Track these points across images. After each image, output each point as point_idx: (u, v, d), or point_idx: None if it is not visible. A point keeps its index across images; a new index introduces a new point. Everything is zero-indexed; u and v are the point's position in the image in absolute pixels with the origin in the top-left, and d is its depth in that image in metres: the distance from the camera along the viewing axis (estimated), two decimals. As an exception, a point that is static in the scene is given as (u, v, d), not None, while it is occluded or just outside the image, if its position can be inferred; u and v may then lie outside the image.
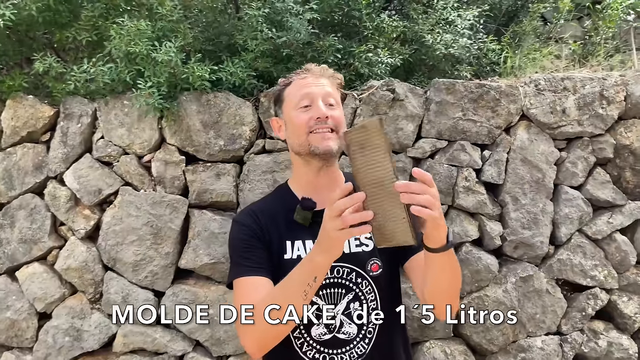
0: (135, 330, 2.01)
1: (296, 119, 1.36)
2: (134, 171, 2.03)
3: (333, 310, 1.32)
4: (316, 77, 1.40)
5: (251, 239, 1.34)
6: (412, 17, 2.12)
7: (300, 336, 1.33)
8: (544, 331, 2.04)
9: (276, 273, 1.29)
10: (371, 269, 1.34)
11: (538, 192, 2.02)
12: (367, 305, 1.34)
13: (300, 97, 1.37)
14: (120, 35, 1.96)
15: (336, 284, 1.33)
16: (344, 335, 1.33)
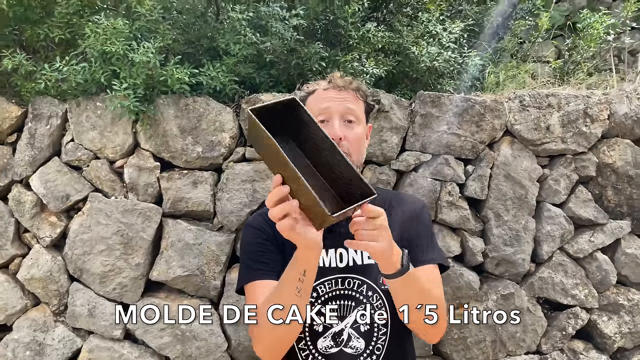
0: (102, 345, 1.94)
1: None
2: (104, 177, 1.97)
3: (341, 323, 1.29)
4: (338, 90, 1.36)
5: (265, 241, 1.32)
6: (397, 29, 2.12)
7: (306, 348, 1.29)
8: (524, 350, 2.05)
9: None
10: (382, 282, 1.29)
11: (520, 209, 2.03)
12: (376, 320, 1.30)
13: (318, 111, 1.33)
14: (95, 34, 1.91)
15: (346, 296, 1.30)
16: (351, 349, 1.29)
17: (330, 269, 1.30)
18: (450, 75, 2.09)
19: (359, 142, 1.33)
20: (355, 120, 1.33)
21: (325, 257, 1.31)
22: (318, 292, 1.29)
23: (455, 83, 2.10)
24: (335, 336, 1.29)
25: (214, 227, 1.99)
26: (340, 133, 1.28)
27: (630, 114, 2.07)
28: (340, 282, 1.29)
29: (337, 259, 1.31)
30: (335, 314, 1.29)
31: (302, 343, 1.29)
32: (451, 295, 2.00)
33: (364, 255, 1.32)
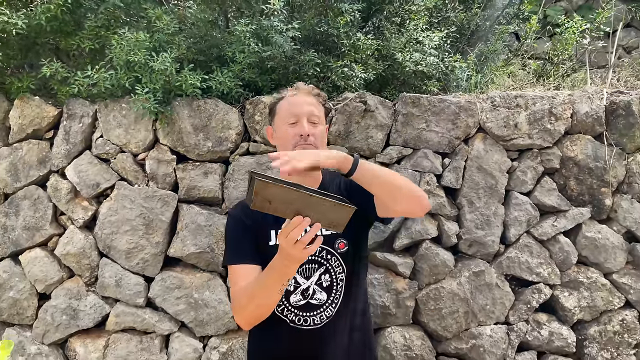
0: (126, 310, 2.32)
1: (284, 133, 1.69)
2: (129, 168, 2.33)
3: (307, 282, 1.68)
4: (304, 96, 1.72)
5: (242, 231, 1.68)
6: (386, 36, 2.44)
7: (281, 303, 1.69)
8: (493, 321, 2.36)
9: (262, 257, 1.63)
10: (339, 247, 1.69)
11: (491, 197, 2.35)
12: (335, 277, 1.69)
13: (289, 114, 1.69)
14: (120, 45, 2.26)
15: (310, 260, 1.68)
16: (315, 301, 1.68)
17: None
18: (436, 78, 2.41)
19: (322, 137, 1.69)
20: (318, 122, 1.69)
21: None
22: None
23: (439, 85, 2.41)
24: (303, 292, 1.68)
25: (222, 211, 2.35)
26: (308, 130, 1.64)
27: (591, 113, 2.37)
28: None
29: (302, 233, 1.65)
30: (302, 275, 1.68)
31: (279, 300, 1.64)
32: (428, 272, 2.33)
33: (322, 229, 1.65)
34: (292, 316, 1.68)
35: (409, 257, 2.35)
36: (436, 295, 2.34)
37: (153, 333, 2.33)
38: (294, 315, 1.68)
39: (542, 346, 2.38)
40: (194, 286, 2.31)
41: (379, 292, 2.32)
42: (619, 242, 2.41)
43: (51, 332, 2.32)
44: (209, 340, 2.34)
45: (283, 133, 1.70)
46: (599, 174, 2.38)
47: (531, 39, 2.69)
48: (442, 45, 2.45)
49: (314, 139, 1.66)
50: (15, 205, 2.34)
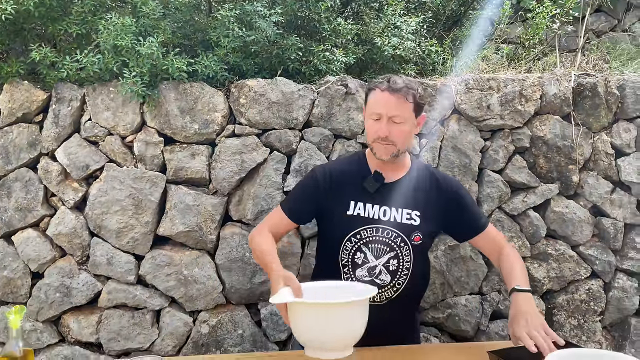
0: (118, 287, 2.45)
1: (368, 127, 1.89)
2: (117, 150, 2.45)
3: (375, 261, 1.87)
4: (390, 94, 1.81)
5: (311, 192, 1.93)
6: (365, 21, 2.58)
7: (349, 273, 1.88)
8: (468, 291, 2.55)
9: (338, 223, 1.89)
10: (414, 239, 1.88)
11: (465, 175, 2.52)
12: (402, 264, 1.87)
13: (373, 111, 1.85)
14: (107, 30, 2.35)
15: (383, 242, 1.87)
16: (379, 281, 1.87)
17: (374, 220, 1.87)
18: (413, 62, 2.55)
19: (402, 136, 1.85)
20: (401, 120, 1.82)
21: (371, 209, 1.87)
22: (361, 234, 1.86)
23: (416, 68, 2.56)
24: (369, 269, 1.86)
25: (209, 191, 2.48)
26: (386, 131, 1.80)
27: (559, 95, 2.54)
28: (380, 231, 1.86)
29: (380, 214, 1.87)
30: (373, 253, 1.86)
31: (345, 269, 1.87)
32: (407, 246, 2.50)
33: (404, 217, 1.87)
34: None
35: (389, 233, 2.51)
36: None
37: (144, 309, 2.46)
38: None
39: (513, 314, 2.57)
40: (183, 263, 2.44)
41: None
42: (586, 216, 2.60)
43: (45, 310, 2.44)
44: (198, 314, 2.48)
45: (368, 125, 1.89)
46: (567, 152, 2.56)
47: (504, 24, 2.84)
48: (419, 30, 2.59)
49: (392, 138, 1.82)
50: (7, 188, 2.44)
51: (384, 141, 1.83)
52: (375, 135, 1.83)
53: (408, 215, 1.88)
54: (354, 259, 1.87)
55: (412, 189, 1.92)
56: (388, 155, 1.85)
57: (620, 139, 2.60)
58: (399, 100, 1.81)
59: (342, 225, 1.87)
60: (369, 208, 1.87)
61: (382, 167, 1.92)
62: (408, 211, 1.88)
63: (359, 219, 1.87)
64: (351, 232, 1.86)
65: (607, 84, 2.58)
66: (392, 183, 1.92)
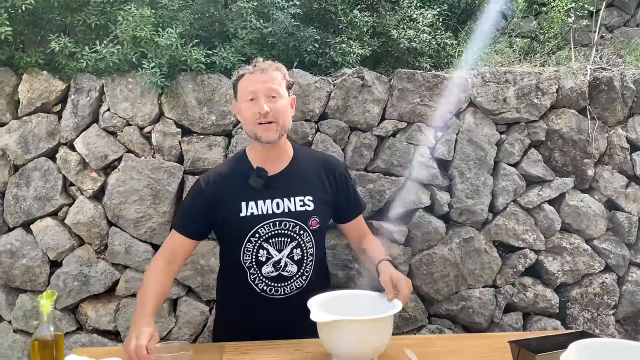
0: (136, 276, 2.49)
1: (245, 111, 1.87)
2: (136, 140, 2.49)
3: (279, 254, 1.88)
4: (262, 73, 1.85)
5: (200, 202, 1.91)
6: (381, 13, 2.60)
7: (255, 272, 1.90)
8: (482, 284, 2.58)
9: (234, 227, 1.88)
10: (311, 224, 1.91)
11: (481, 168, 2.54)
12: (306, 251, 1.91)
13: (248, 92, 1.85)
14: (127, 21, 2.39)
15: (283, 234, 1.89)
16: (287, 273, 1.90)
17: (269, 215, 1.88)
18: (428, 54, 2.58)
19: (284, 109, 1.84)
20: (278, 96, 1.83)
21: (263, 205, 1.87)
22: (260, 232, 1.87)
23: (431, 61, 2.58)
24: (275, 264, 1.89)
25: (226, 182, 2.51)
26: (266, 108, 1.79)
27: (575, 88, 2.56)
28: (277, 224, 1.87)
29: (273, 207, 1.88)
30: (275, 247, 1.88)
31: (251, 270, 1.89)
32: (421, 239, 2.54)
33: (297, 204, 1.90)
34: (262, 285, 1.89)
35: (403, 225, 2.55)
36: (428, 260, 2.54)
37: (161, 297, 2.50)
38: (265, 285, 1.89)
39: (527, 307, 2.61)
40: (200, 253, 2.49)
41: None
42: (600, 210, 2.63)
43: (63, 298, 2.48)
44: (214, 303, 2.52)
45: (244, 111, 1.87)
46: (582, 146, 2.58)
47: (518, 18, 2.86)
48: (434, 23, 2.61)
49: (274, 115, 1.82)
50: (26, 177, 2.49)
51: (266, 119, 1.80)
52: (256, 115, 1.80)
53: (301, 202, 1.89)
54: (257, 257, 1.87)
55: (300, 175, 1.94)
56: (275, 135, 1.83)
57: (635, 133, 2.62)
58: (270, 76, 1.83)
59: (238, 228, 1.87)
60: (261, 204, 1.87)
61: (264, 162, 1.91)
62: (300, 198, 1.89)
63: (254, 218, 1.86)
64: (249, 232, 1.86)
65: (623, 78, 2.60)
66: (278, 174, 1.92)
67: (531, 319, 2.62)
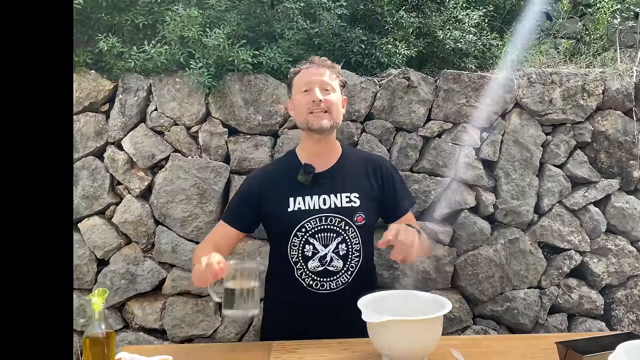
0: (182, 275, 2.52)
1: (298, 102, 1.97)
2: (183, 140, 2.51)
3: (325, 249, 1.93)
4: (317, 67, 1.98)
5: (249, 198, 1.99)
6: (427, 14, 2.61)
7: (301, 267, 1.94)
8: (527, 285, 2.59)
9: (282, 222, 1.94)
10: (357, 220, 1.95)
11: (526, 169, 2.55)
12: (351, 247, 1.95)
13: (303, 84, 1.96)
14: (174, 21, 2.42)
15: (329, 230, 1.94)
16: (332, 268, 1.94)
17: (316, 210, 1.93)
18: (473, 55, 2.58)
19: (336, 103, 1.94)
20: (331, 89, 1.93)
21: (310, 201, 1.93)
22: (306, 227, 1.92)
23: (478, 61, 2.59)
24: (320, 258, 1.93)
25: (272, 182, 2.53)
26: (319, 96, 1.89)
27: (621, 90, 2.56)
28: (324, 220, 1.93)
29: (320, 203, 1.94)
30: (321, 243, 1.93)
31: (298, 265, 1.94)
32: (466, 239, 2.55)
33: (343, 201, 1.95)
34: (309, 280, 1.93)
35: (449, 226, 2.56)
36: (473, 261, 2.55)
37: (207, 296, 2.53)
38: (311, 279, 1.93)
39: (572, 309, 2.61)
40: (245, 252, 2.51)
41: (420, 258, 2.52)
42: (645, 212, 2.63)
43: (110, 296, 2.51)
44: (261, 302, 2.53)
45: (297, 102, 1.96)
46: (628, 148, 2.58)
47: (563, 19, 2.86)
48: (480, 24, 2.61)
49: (327, 104, 1.91)
50: (74, 176, 2.51)
51: (319, 108, 1.89)
52: (309, 104, 1.90)
53: (347, 199, 1.94)
54: (303, 252, 1.92)
55: (347, 173, 2.00)
56: (326, 123, 1.90)
57: (681, 135, 2.63)
58: (326, 71, 1.95)
59: (286, 223, 1.93)
60: (308, 200, 1.93)
61: (313, 159, 1.98)
62: (347, 194, 1.94)
63: (301, 213, 1.92)
64: (296, 227, 1.91)
65: (669, 80, 2.60)
66: (325, 171, 1.99)
67: (576, 320, 2.63)
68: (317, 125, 1.91)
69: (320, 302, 1.93)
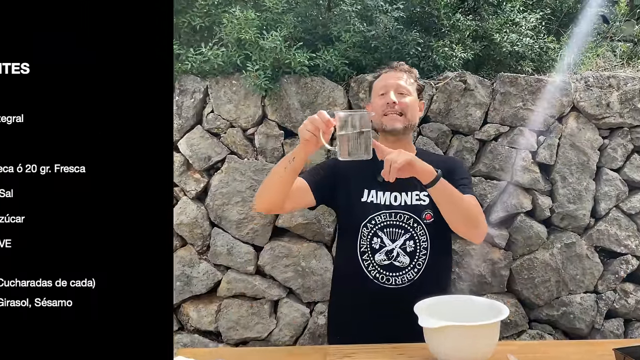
0: (237, 277, 2.54)
1: (375, 105, 2.03)
2: (239, 142, 2.52)
3: (392, 244, 1.95)
4: (395, 72, 2.04)
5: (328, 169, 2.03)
6: (483, 17, 2.61)
7: (368, 259, 1.96)
8: (583, 290, 2.58)
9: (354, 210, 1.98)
10: (425, 218, 1.97)
11: (583, 173, 2.55)
12: (419, 244, 1.96)
13: (380, 88, 2.03)
14: (231, 23, 2.43)
15: (397, 225, 1.96)
16: (399, 263, 1.95)
17: (386, 206, 1.97)
18: (530, 58, 2.58)
19: (411, 107, 1.98)
20: (407, 93, 1.98)
21: (382, 196, 1.98)
22: (376, 220, 1.96)
23: (534, 65, 2.59)
24: (387, 252, 1.95)
25: (327, 184, 2.54)
26: (393, 98, 1.94)
27: (680, 93, 2.56)
28: (393, 215, 1.96)
29: (391, 199, 1.98)
30: (388, 237, 1.95)
31: (364, 256, 1.97)
32: (523, 243, 2.55)
33: (413, 199, 1.98)
34: (375, 273, 1.95)
35: (505, 230, 2.57)
36: (529, 265, 2.55)
37: (263, 299, 2.54)
38: (378, 272, 1.94)
39: (629, 314, 2.61)
40: (301, 255, 2.52)
41: (476, 262, 2.53)
42: (703, 217, 2.62)
43: (166, 297, 2.52)
44: (315, 305, 2.56)
45: (374, 105, 2.02)
46: (686, 152, 2.58)
47: (620, 22, 2.85)
48: (537, 27, 2.61)
49: (401, 107, 1.95)
50: (131, 177, 2.52)
51: (393, 110, 1.94)
52: (384, 106, 1.95)
53: (417, 197, 1.97)
54: (371, 244, 1.96)
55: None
56: (399, 125, 1.94)
57: None
58: (403, 75, 2.00)
59: (357, 212, 1.97)
60: (380, 195, 1.97)
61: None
62: (417, 192, 1.97)
63: (372, 206, 1.97)
64: (366, 218, 1.96)
65: None
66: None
67: (632, 325, 2.62)
68: (391, 126, 1.95)
69: (386, 297, 1.94)
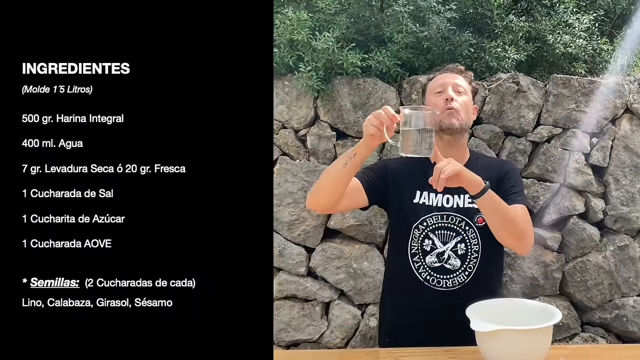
0: (289, 279, 2.55)
1: (431, 103, 2.02)
2: (291, 143, 2.53)
3: (443, 246, 1.97)
4: (451, 72, 2.06)
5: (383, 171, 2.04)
6: (536, 18, 2.61)
7: (418, 260, 1.98)
8: (636, 292, 2.59)
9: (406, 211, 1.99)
10: (477, 221, 1.97)
11: (637, 175, 2.55)
12: (470, 247, 1.97)
13: (436, 87, 2.03)
14: (284, 24, 2.44)
15: (449, 228, 1.98)
16: (449, 266, 1.97)
17: (438, 207, 1.99)
18: (583, 60, 2.58)
19: (467, 105, 1.99)
20: (464, 92, 1.99)
21: (435, 198, 1.99)
22: (427, 221, 1.98)
23: (587, 66, 2.59)
24: (438, 255, 1.97)
25: (379, 186, 2.55)
26: (452, 94, 1.95)
27: None
28: (445, 217, 1.98)
29: (444, 201, 1.99)
30: (440, 239, 1.96)
31: (415, 257, 1.98)
32: (575, 246, 2.55)
33: (466, 201, 1.98)
34: (425, 275, 1.96)
35: (557, 232, 2.57)
36: (582, 267, 2.55)
37: (314, 300, 2.55)
38: (428, 274, 1.96)
39: (682, 317, 2.60)
40: (352, 257, 2.53)
41: (528, 264, 2.54)
42: None
43: (217, 298, 2.53)
44: (367, 307, 2.57)
45: (430, 103, 2.01)
46: None
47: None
48: (590, 28, 2.61)
49: (458, 104, 1.95)
50: (183, 178, 2.54)
51: (450, 107, 1.93)
52: (441, 103, 1.94)
53: (470, 200, 1.95)
54: (422, 246, 1.97)
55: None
56: (457, 122, 1.93)
57: None
58: (458, 76, 2.02)
59: (409, 213, 1.98)
60: (433, 197, 1.98)
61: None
62: (469, 195, 1.92)
63: (424, 207, 1.97)
64: (418, 219, 1.97)
65: None
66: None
67: (685, 329, 2.62)
68: (448, 122, 1.93)
69: (437, 299, 1.95)
